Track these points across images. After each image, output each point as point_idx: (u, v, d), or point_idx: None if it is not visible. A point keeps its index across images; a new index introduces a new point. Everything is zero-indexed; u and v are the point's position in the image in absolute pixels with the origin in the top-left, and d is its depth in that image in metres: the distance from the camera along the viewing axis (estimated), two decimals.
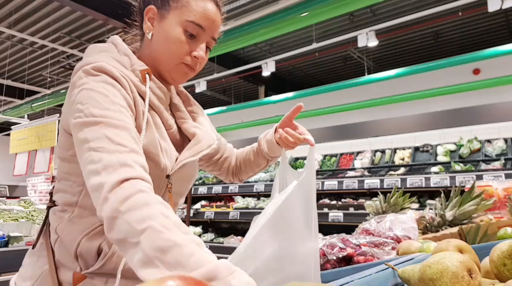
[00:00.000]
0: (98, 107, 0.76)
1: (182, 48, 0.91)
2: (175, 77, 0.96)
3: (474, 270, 0.63)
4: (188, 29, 0.91)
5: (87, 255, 0.85)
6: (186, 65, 0.94)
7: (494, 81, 5.83)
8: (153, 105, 0.91)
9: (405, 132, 5.47)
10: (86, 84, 0.79)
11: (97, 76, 0.81)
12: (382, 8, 6.45)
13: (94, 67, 0.82)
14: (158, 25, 0.93)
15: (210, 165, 1.25)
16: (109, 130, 0.73)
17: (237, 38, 5.71)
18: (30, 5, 6.26)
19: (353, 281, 0.71)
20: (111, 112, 0.76)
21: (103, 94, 0.78)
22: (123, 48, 0.93)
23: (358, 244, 1.22)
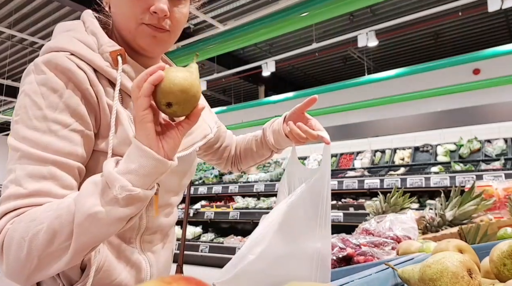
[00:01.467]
0: (25, 124, 0.68)
1: (133, 5, 0.75)
2: (143, 44, 0.79)
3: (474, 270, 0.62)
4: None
5: (70, 271, 0.75)
6: (149, 25, 0.77)
7: (494, 81, 5.84)
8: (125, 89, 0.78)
9: (405, 132, 5.47)
10: (29, 85, 0.71)
11: (42, 75, 0.71)
12: (382, 8, 6.46)
13: (44, 61, 0.71)
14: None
15: (209, 154, 1.14)
16: (21, 164, 0.67)
17: (237, 38, 5.71)
18: (30, 5, 6.27)
19: (353, 281, 0.71)
20: (36, 134, 0.68)
21: (37, 105, 0.69)
22: (92, 26, 0.80)
23: (358, 244, 1.22)
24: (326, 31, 7.16)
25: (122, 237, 0.82)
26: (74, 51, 0.73)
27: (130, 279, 0.82)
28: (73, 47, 0.74)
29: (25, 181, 0.65)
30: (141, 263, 0.84)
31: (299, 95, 7.87)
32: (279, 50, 7.89)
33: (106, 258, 0.77)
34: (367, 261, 1.14)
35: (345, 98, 7.37)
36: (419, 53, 8.29)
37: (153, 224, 0.85)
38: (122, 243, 0.82)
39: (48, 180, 0.67)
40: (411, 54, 8.38)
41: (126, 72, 0.78)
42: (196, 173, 6.81)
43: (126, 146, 0.71)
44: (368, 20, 6.78)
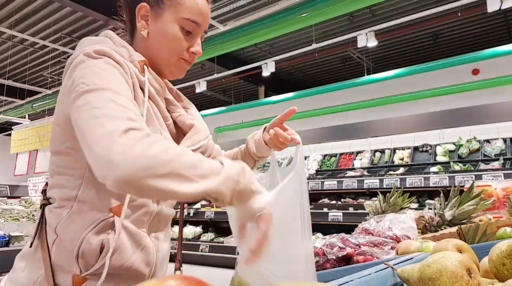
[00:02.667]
0: (100, 79, 0.74)
1: (180, 45, 0.94)
2: (175, 72, 0.99)
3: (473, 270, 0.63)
4: (185, 27, 0.93)
5: (88, 253, 0.81)
6: (185, 60, 0.97)
7: (493, 81, 5.84)
8: (152, 96, 0.92)
9: (405, 133, 5.48)
10: (87, 62, 0.78)
11: (100, 59, 0.80)
12: (381, 9, 6.46)
13: (96, 51, 0.80)
14: (153, 23, 0.94)
15: None
16: (113, 95, 0.71)
17: (237, 38, 5.72)
18: (31, 5, 6.27)
19: (352, 281, 0.71)
20: (113, 84, 0.75)
21: (105, 70, 0.77)
22: (119, 41, 0.94)
23: (357, 244, 1.22)
24: (325, 31, 7.16)
25: (135, 222, 0.88)
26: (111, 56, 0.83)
27: (140, 262, 0.88)
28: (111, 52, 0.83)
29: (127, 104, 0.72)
30: (149, 247, 0.90)
31: (299, 96, 7.88)
32: (279, 50, 7.89)
33: (121, 241, 0.83)
34: (366, 261, 1.14)
35: (344, 98, 7.37)
36: (418, 54, 8.30)
37: (161, 211, 0.93)
38: (135, 228, 0.88)
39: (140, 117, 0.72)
40: (410, 55, 8.38)
41: (149, 79, 0.91)
42: None
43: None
44: (367, 20, 6.78)
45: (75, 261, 0.81)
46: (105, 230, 0.83)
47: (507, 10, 6.08)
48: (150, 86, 0.91)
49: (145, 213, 0.90)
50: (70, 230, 0.83)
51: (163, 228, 0.98)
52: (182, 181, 0.63)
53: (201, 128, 1.00)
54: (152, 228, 0.93)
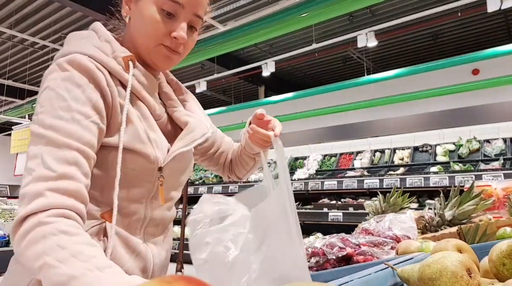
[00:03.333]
0: (51, 114, 0.72)
1: (158, 28, 0.83)
2: (156, 61, 0.88)
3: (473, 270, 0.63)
4: (164, 7, 0.83)
5: None
6: (166, 47, 0.86)
7: (493, 81, 5.84)
8: (138, 94, 0.86)
9: (405, 133, 5.48)
10: (52, 81, 0.76)
11: (66, 72, 0.76)
12: (381, 9, 6.46)
13: (67, 61, 0.77)
14: (134, 7, 0.87)
15: (206, 160, 1.17)
16: (48, 149, 0.70)
17: (237, 38, 5.72)
18: (31, 5, 6.27)
19: (352, 281, 0.71)
20: (61, 122, 0.72)
21: (62, 98, 0.74)
22: (104, 35, 0.87)
23: (357, 244, 1.22)
24: (325, 31, 7.16)
25: (128, 228, 0.86)
26: (91, 55, 0.80)
27: (135, 268, 0.86)
28: (91, 51, 0.80)
29: (53, 165, 0.68)
30: (146, 253, 0.88)
31: (299, 96, 7.87)
32: (279, 50, 7.89)
33: (114, 248, 0.81)
34: (366, 261, 1.14)
35: (344, 98, 7.38)
36: (418, 54, 8.30)
37: (156, 216, 0.90)
38: (128, 234, 0.85)
39: (72, 165, 0.71)
40: (410, 55, 8.38)
41: (136, 76, 0.85)
42: (196, 173, 6.81)
43: (135, 141, 0.81)
44: (367, 20, 6.78)
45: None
46: (97, 235, 0.81)
47: (507, 10, 6.08)
48: (137, 83, 0.85)
49: (137, 220, 0.87)
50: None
51: (161, 232, 0.94)
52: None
53: (196, 126, 0.93)
54: (148, 233, 0.90)
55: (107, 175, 0.81)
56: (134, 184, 0.84)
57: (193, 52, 6.32)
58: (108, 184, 0.80)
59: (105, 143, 0.80)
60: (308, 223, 4.87)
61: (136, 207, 0.86)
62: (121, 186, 0.79)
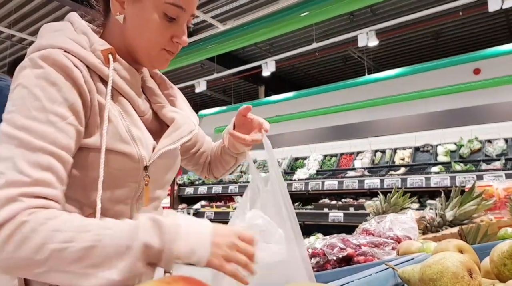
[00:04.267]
0: (24, 114, 0.68)
1: (163, 35, 0.82)
2: (156, 65, 0.88)
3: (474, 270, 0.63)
4: (168, 13, 0.80)
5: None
6: (168, 51, 0.85)
7: (495, 81, 5.84)
8: (120, 89, 0.82)
9: (405, 132, 5.47)
10: (25, 79, 0.71)
11: (40, 69, 0.71)
12: (382, 8, 6.46)
13: (41, 56, 0.72)
14: (131, 8, 0.81)
15: (186, 159, 1.14)
16: (21, 152, 0.65)
17: (237, 38, 5.71)
18: (29, 4, 6.28)
19: (353, 281, 0.71)
20: (35, 123, 0.67)
21: (35, 97, 0.69)
22: (81, 26, 0.83)
23: (358, 244, 1.22)
24: (326, 31, 7.16)
25: None
26: (67, 49, 0.75)
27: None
28: (66, 45, 0.75)
29: (26, 169, 0.64)
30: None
31: (299, 95, 7.88)
32: (279, 50, 7.89)
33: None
34: (367, 261, 1.14)
35: (345, 98, 7.38)
36: (419, 53, 8.30)
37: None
38: None
39: (47, 171, 0.66)
40: (411, 54, 8.38)
41: (117, 70, 0.81)
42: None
43: (117, 141, 0.77)
44: (368, 20, 6.78)
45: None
46: None
47: (508, 10, 6.07)
48: (119, 78, 0.81)
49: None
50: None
51: None
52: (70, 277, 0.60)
53: (183, 123, 0.90)
54: None
55: (87, 176, 0.77)
56: (118, 185, 0.80)
57: (193, 52, 6.33)
58: (89, 185, 0.77)
59: (83, 145, 0.76)
60: (309, 223, 4.87)
61: (121, 208, 0.82)
62: (105, 187, 0.76)
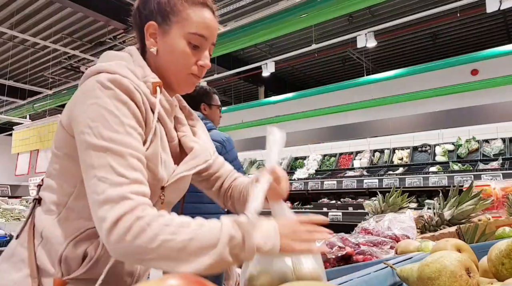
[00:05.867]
0: (107, 128, 0.79)
1: (189, 60, 0.94)
2: (184, 88, 1.00)
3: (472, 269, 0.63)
4: (192, 41, 0.94)
5: (71, 260, 0.84)
6: (194, 75, 0.97)
7: (492, 81, 5.85)
8: (160, 117, 0.94)
9: (404, 133, 5.48)
10: (99, 99, 0.81)
11: (110, 91, 0.82)
12: (381, 9, 6.47)
13: (110, 79, 0.83)
14: (162, 40, 0.95)
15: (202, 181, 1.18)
16: (114, 159, 0.77)
17: (237, 39, 5.72)
18: (31, 6, 6.27)
19: (352, 280, 0.72)
20: (119, 135, 0.79)
21: (113, 114, 0.80)
22: (139, 59, 0.95)
23: (357, 243, 1.23)
24: (325, 32, 7.17)
25: None
26: (126, 76, 0.86)
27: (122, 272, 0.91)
28: (125, 73, 0.87)
29: (124, 172, 0.77)
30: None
31: (298, 96, 7.88)
32: (279, 51, 7.90)
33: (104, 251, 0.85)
34: (366, 260, 1.15)
35: (344, 98, 7.38)
36: (417, 54, 8.31)
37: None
38: None
39: (138, 171, 0.79)
40: (409, 55, 8.39)
41: (161, 101, 0.93)
42: None
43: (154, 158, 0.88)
44: (367, 21, 6.79)
45: (58, 265, 0.84)
46: (89, 238, 0.85)
47: (506, 11, 6.08)
48: (161, 107, 0.93)
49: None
50: (56, 236, 0.86)
51: None
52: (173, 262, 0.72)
53: (200, 153, 1.00)
54: None
55: None
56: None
57: None
58: None
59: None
60: None
61: None
62: None
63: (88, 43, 7.43)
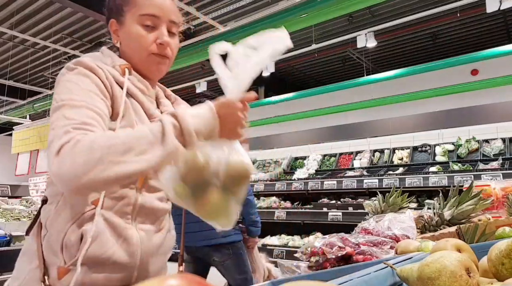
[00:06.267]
0: (67, 93, 0.86)
1: (145, 40, 0.99)
2: (151, 69, 1.03)
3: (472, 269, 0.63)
4: (144, 22, 0.99)
5: (71, 245, 0.87)
6: (156, 55, 1.01)
7: (492, 81, 5.85)
8: (133, 94, 0.98)
9: (404, 133, 5.48)
10: (65, 77, 0.90)
11: (75, 69, 0.90)
12: (381, 9, 6.47)
13: (74, 62, 0.92)
14: (121, 32, 1.03)
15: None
16: (66, 110, 0.82)
17: (237, 39, 5.69)
18: (31, 6, 6.27)
19: (352, 280, 0.72)
20: (76, 96, 0.85)
21: (75, 83, 0.88)
22: (108, 52, 1.04)
23: (357, 243, 1.23)
24: (325, 32, 7.17)
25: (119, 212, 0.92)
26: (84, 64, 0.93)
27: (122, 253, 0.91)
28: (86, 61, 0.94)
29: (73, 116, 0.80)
30: (132, 237, 0.93)
31: (298, 96, 7.88)
32: None
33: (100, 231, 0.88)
34: (366, 260, 1.15)
35: (344, 98, 7.38)
36: (417, 54, 8.31)
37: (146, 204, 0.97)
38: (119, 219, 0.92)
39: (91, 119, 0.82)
40: (409, 55, 8.39)
41: (131, 80, 0.99)
42: None
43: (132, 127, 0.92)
44: (367, 21, 6.79)
45: (60, 252, 0.87)
46: (86, 222, 0.88)
47: (506, 11, 6.08)
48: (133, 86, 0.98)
49: (127, 204, 0.93)
50: (57, 224, 0.90)
51: (153, 221, 1.00)
52: (125, 165, 0.74)
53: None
54: (139, 220, 0.96)
55: None
56: None
57: (193, 53, 6.33)
58: None
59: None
60: (308, 222, 4.88)
61: (125, 192, 0.93)
62: None
63: (88, 43, 7.43)
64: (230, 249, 2.45)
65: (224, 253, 2.44)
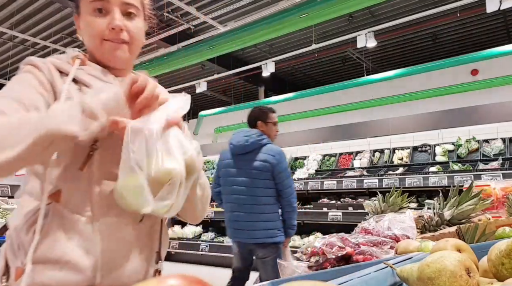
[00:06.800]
0: (5, 89, 0.88)
1: (97, 27, 0.95)
2: (109, 57, 0.98)
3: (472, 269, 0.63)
4: (96, 8, 0.96)
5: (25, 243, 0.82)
6: (109, 41, 0.96)
7: (492, 81, 5.86)
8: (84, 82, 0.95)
9: (404, 133, 5.49)
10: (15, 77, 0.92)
11: (23, 69, 0.93)
12: (381, 9, 6.47)
13: (22, 62, 0.94)
14: (80, 25, 1.01)
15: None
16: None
17: (237, 39, 5.73)
18: (31, 6, 6.28)
19: (352, 280, 0.71)
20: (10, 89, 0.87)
21: (16, 79, 0.90)
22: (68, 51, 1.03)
23: (357, 243, 1.23)
24: (325, 32, 7.17)
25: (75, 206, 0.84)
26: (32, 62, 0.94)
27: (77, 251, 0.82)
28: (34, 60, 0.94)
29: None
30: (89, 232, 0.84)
31: (298, 96, 7.88)
32: (279, 51, 7.90)
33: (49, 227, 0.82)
34: (366, 260, 1.15)
35: (344, 98, 7.39)
36: (417, 54, 8.31)
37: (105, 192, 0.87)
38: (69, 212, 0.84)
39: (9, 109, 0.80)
40: (409, 55, 8.39)
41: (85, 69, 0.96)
42: None
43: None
44: (367, 21, 6.79)
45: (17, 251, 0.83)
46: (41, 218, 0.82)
47: (506, 11, 6.09)
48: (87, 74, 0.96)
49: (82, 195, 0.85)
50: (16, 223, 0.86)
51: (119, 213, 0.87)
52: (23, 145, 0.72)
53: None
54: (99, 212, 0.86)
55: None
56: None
57: (193, 53, 6.34)
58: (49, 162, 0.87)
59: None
60: (308, 222, 4.88)
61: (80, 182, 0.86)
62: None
63: None
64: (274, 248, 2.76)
65: (269, 251, 2.75)
